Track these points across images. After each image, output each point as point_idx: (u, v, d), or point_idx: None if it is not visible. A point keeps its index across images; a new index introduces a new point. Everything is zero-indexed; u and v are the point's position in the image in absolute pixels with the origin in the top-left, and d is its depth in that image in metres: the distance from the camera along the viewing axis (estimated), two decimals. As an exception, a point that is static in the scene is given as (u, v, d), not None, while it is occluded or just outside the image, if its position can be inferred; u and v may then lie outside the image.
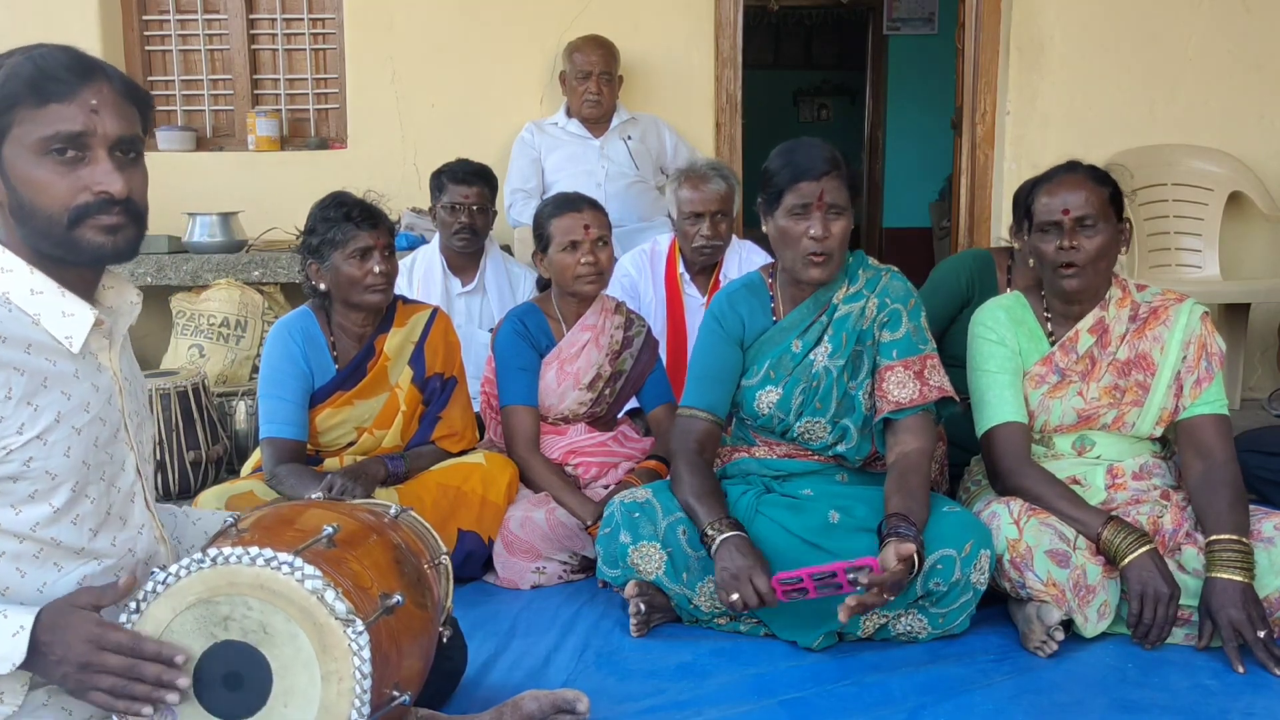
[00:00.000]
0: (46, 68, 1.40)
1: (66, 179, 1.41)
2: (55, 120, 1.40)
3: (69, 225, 1.42)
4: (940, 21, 8.18)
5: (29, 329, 1.43)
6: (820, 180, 2.34)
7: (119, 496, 1.53)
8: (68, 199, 1.42)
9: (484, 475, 2.81)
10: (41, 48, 1.43)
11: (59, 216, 1.42)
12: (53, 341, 1.45)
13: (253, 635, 1.38)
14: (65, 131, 1.40)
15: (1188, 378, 2.45)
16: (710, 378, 2.51)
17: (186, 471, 3.46)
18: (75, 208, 1.42)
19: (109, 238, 1.44)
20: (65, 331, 1.46)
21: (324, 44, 4.80)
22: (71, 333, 1.46)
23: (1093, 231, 2.39)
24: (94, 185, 1.42)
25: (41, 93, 1.39)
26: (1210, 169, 4.34)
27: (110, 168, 1.43)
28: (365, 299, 2.73)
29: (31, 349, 1.42)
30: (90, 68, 1.44)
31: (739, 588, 2.17)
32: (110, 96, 1.44)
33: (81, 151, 1.42)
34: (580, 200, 2.98)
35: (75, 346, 1.46)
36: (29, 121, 1.40)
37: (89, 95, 1.41)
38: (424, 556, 1.74)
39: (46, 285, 1.46)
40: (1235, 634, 2.16)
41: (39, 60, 1.40)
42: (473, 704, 2.03)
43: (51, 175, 1.41)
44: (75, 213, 1.42)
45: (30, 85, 1.39)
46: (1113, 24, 4.39)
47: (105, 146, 1.43)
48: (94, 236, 1.43)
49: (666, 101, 4.54)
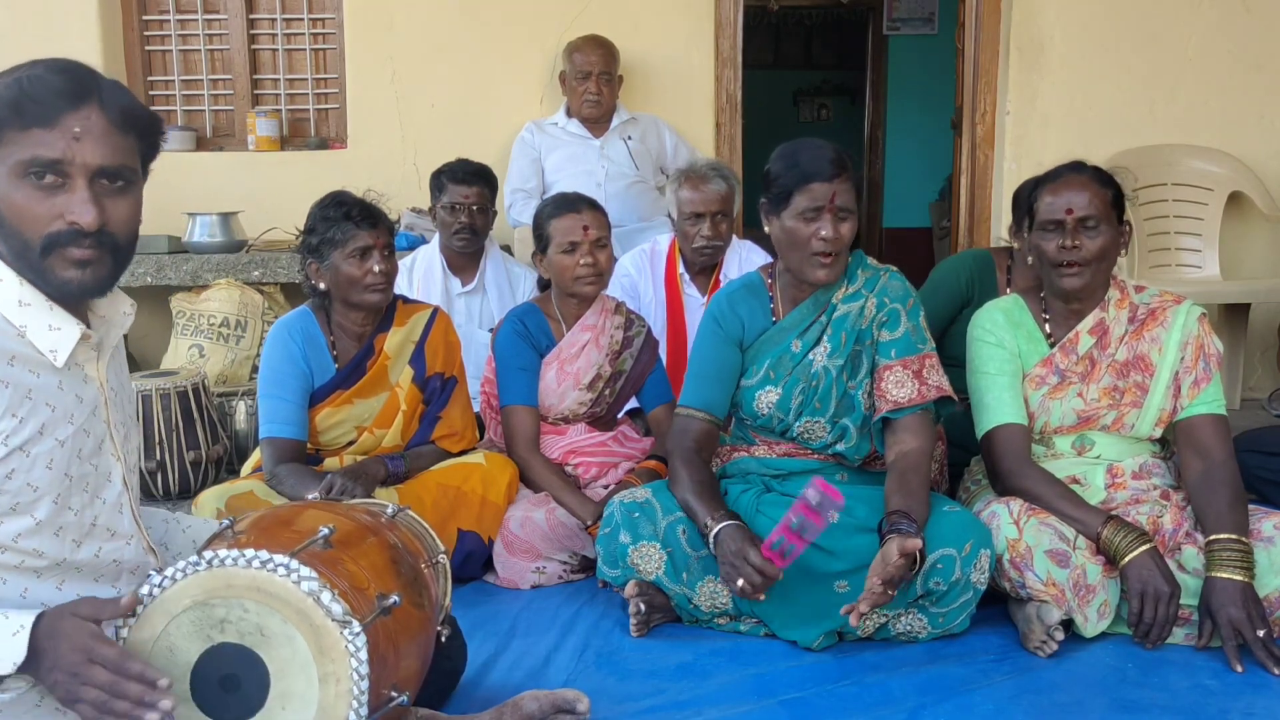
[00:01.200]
0: (32, 92, 1.37)
1: (43, 204, 1.39)
2: (34, 145, 1.38)
3: (41, 253, 1.41)
4: (940, 21, 8.18)
5: (13, 341, 1.43)
6: (832, 182, 2.33)
7: (104, 508, 1.52)
8: (42, 225, 1.40)
9: (484, 475, 2.81)
10: (38, 68, 1.40)
11: (33, 242, 1.40)
12: (36, 354, 1.44)
13: (249, 638, 1.38)
14: (43, 157, 1.38)
15: (1186, 378, 2.44)
16: (709, 377, 2.51)
17: (186, 471, 3.46)
18: (47, 235, 1.40)
19: (78, 272, 1.42)
20: (50, 345, 1.45)
21: (324, 44, 4.80)
22: (56, 346, 1.45)
23: (1095, 233, 2.39)
24: (67, 214, 1.39)
25: (24, 116, 1.38)
26: (1210, 169, 4.34)
27: (85, 198, 1.39)
28: (365, 299, 2.73)
29: (15, 361, 1.41)
30: (83, 93, 1.40)
31: (739, 571, 2.16)
32: (99, 124, 1.40)
33: (60, 178, 1.39)
34: (579, 201, 2.97)
35: (59, 361, 1.45)
36: (12, 143, 1.38)
37: (73, 122, 1.38)
38: (421, 556, 1.73)
39: (35, 298, 1.44)
40: (1235, 633, 2.16)
41: (26, 84, 1.38)
42: (473, 704, 2.03)
43: (28, 199, 1.39)
44: (47, 240, 1.40)
45: (13, 108, 1.37)
46: (1113, 24, 4.38)
47: (85, 175, 1.40)
48: (62, 270, 1.41)
49: (666, 101, 4.54)
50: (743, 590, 2.17)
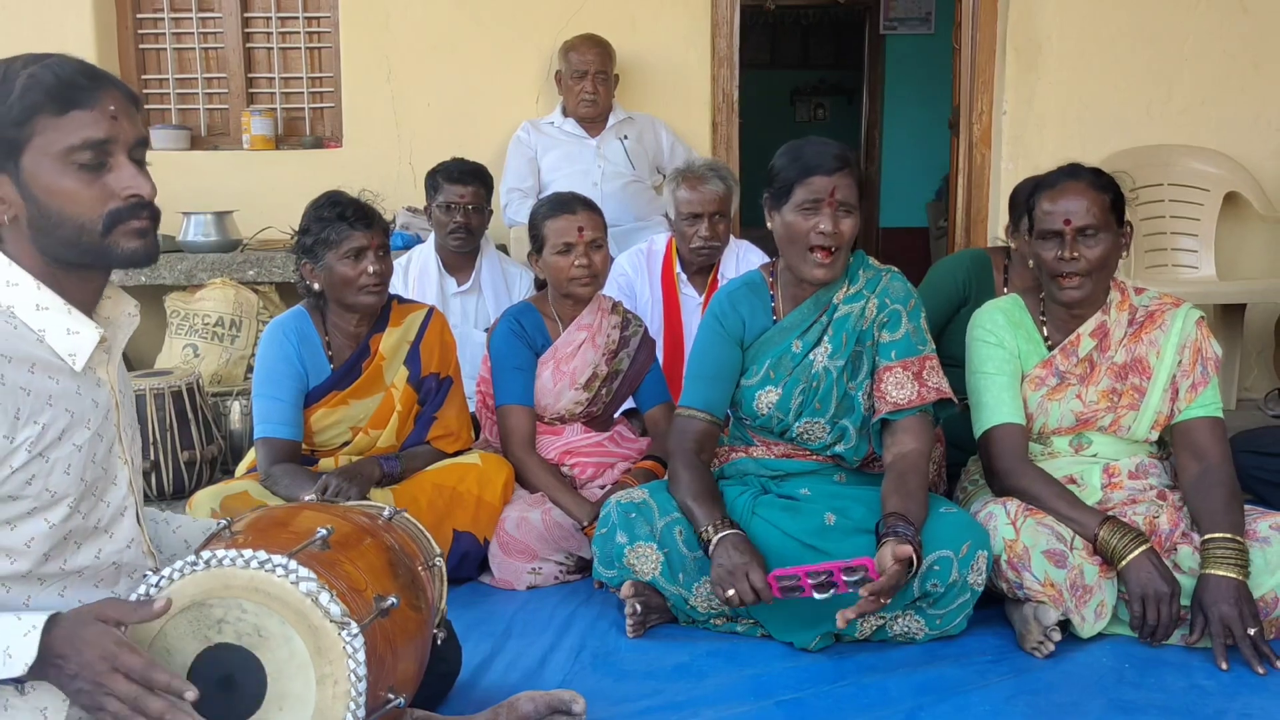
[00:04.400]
0: (65, 75, 1.40)
1: (93, 186, 1.42)
2: (79, 128, 1.40)
3: (104, 233, 1.42)
4: (937, 21, 8.19)
5: (33, 346, 1.42)
6: (833, 176, 2.32)
7: (108, 511, 1.51)
8: (99, 206, 1.42)
9: (479, 475, 2.80)
10: (49, 57, 1.42)
11: (92, 225, 1.42)
12: (56, 359, 1.44)
13: (247, 638, 1.37)
14: (92, 138, 1.40)
15: (1183, 382, 2.45)
16: (709, 377, 2.50)
17: (181, 471, 3.45)
18: (109, 214, 1.42)
19: (140, 241, 1.46)
20: (69, 349, 1.45)
21: (319, 43, 4.79)
22: (75, 350, 1.46)
23: (1094, 241, 2.38)
24: (122, 190, 1.43)
25: (64, 101, 1.39)
26: (1207, 169, 4.34)
27: (134, 171, 1.44)
28: (359, 299, 2.72)
29: (35, 368, 1.41)
30: (100, 75, 1.45)
31: (735, 583, 2.16)
32: (122, 101, 1.44)
33: (104, 158, 1.42)
34: (575, 202, 2.97)
35: (78, 365, 1.46)
36: (51, 130, 1.39)
37: (108, 101, 1.42)
38: (418, 559, 1.73)
39: (53, 301, 1.45)
40: (1225, 630, 2.17)
41: (56, 68, 1.40)
42: (468, 705, 2.03)
43: (77, 184, 1.41)
44: (109, 219, 1.42)
45: (51, 93, 1.39)
46: (1110, 24, 4.38)
47: (126, 151, 1.44)
48: (127, 242, 1.44)
49: (663, 101, 4.53)
50: (729, 600, 2.18)
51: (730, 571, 2.18)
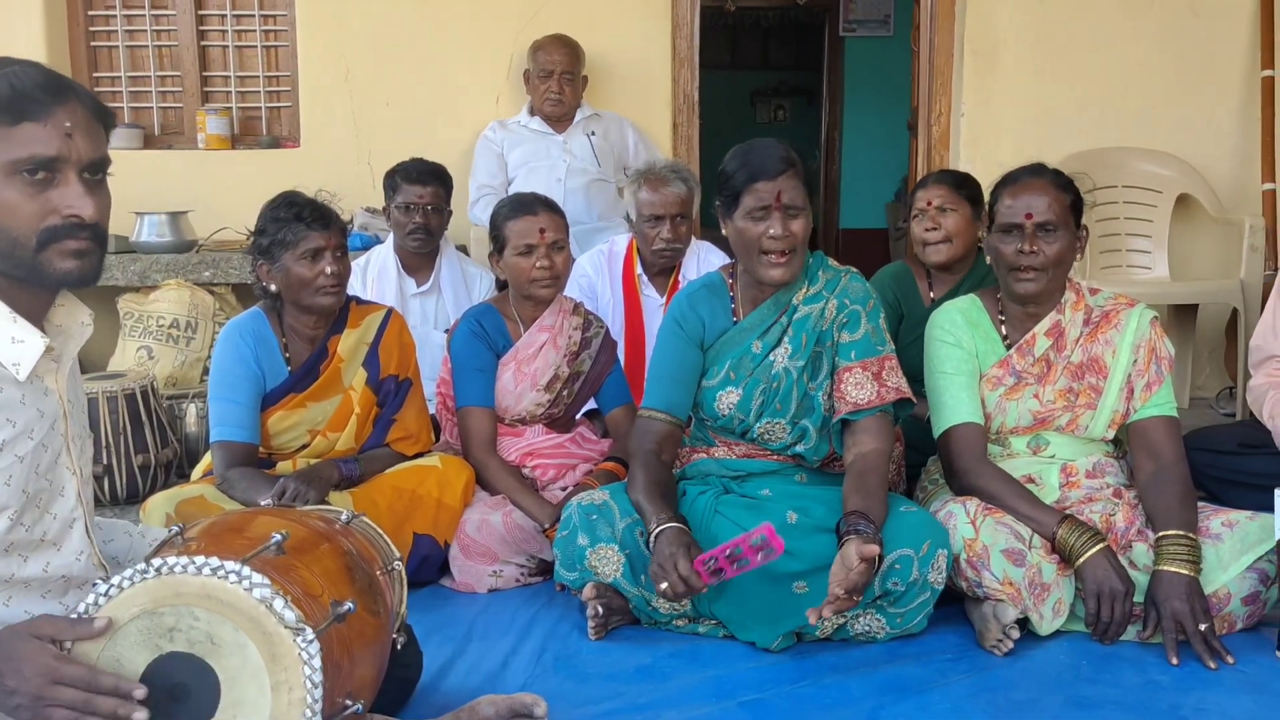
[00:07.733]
0: (21, 87, 1.36)
1: (35, 200, 1.38)
2: (29, 142, 1.37)
3: (36, 249, 1.39)
4: (896, 23, 8.25)
5: None
6: (776, 180, 2.34)
7: (55, 523, 1.48)
8: (35, 221, 1.38)
9: (440, 478, 2.78)
10: (13, 64, 1.39)
11: (26, 239, 1.38)
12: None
13: (199, 646, 1.35)
14: (40, 155, 1.37)
15: (1138, 381, 2.48)
16: (670, 379, 2.50)
17: (135, 476, 3.39)
18: (44, 230, 1.39)
19: (75, 263, 1.42)
20: (13, 358, 1.42)
21: (276, 41, 4.73)
22: (19, 359, 1.42)
23: (1053, 237, 2.41)
24: (64, 208, 1.39)
25: (16, 112, 1.36)
26: (1159, 171, 4.40)
27: (81, 190, 1.40)
28: (316, 301, 2.69)
29: None
30: (63, 87, 1.41)
31: (666, 575, 2.17)
32: (83, 118, 1.41)
33: (52, 173, 1.39)
34: (536, 203, 2.95)
35: (22, 375, 1.43)
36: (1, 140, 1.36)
37: (63, 116, 1.39)
38: (376, 563, 1.71)
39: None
40: (1177, 625, 2.20)
41: (13, 78, 1.36)
42: (429, 709, 2.01)
43: (19, 196, 1.38)
44: (44, 235, 1.39)
45: (5, 104, 1.36)
46: (1064, 28, 4.43)
47: (76, 169, 1.40)
48: (60, 262, 1.41)
49: (624, 101, 4.53)
50: (664, 593, 2.18)
51: (661, 565, 2.19)
